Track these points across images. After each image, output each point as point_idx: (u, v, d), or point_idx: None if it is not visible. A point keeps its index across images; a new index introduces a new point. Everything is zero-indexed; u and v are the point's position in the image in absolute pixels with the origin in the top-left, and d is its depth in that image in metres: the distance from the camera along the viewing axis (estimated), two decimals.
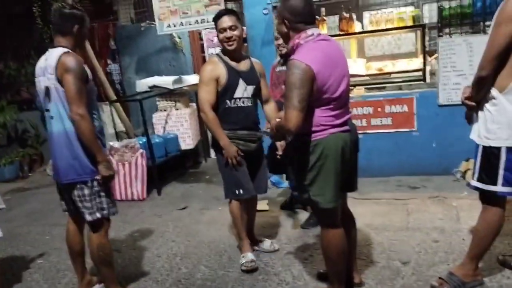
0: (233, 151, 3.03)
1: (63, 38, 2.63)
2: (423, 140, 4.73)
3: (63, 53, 2.54)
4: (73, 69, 2.50)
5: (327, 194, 2.38)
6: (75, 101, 2.50)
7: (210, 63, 3.10)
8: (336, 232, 2.49)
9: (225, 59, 3.07)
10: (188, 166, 6.40)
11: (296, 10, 2.30)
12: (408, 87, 4.85)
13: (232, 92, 3.04)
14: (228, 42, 2.99)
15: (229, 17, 2.99)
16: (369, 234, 3.54)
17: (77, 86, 2.50)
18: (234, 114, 3.08)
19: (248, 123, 3.12)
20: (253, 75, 3.15)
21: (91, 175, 2.64)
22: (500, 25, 2.23)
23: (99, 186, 2.67)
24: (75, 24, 2.62)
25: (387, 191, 4.52)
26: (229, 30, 2.97)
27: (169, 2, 5.10)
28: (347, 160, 2.41)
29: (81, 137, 2.56)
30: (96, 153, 2.60)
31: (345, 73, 2.38)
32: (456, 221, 3.64)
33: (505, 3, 2.23)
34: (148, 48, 6.81)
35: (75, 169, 2.62)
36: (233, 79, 3.03)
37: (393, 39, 5.85)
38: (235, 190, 3.14)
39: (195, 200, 4.93)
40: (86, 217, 2.70)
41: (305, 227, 3.78)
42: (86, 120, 2.53)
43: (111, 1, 7.23)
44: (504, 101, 2.32)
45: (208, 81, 3.01)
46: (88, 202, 2.66)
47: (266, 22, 4.99)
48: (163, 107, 6.23)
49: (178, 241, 3.86)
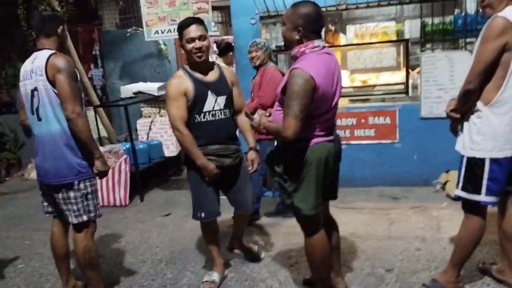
0: (212, 169, 2.83)
1: (47, 40, 2.63)
2: (404, 152, 4.83)
3: (52, 55, 2.55)
4: (65, 69, 2.51)
5: (309, 202, 2.42)
6: (71, 100, 2.52)
7: (175, 77, 2.87)
8: (319, 239, 2.53)
9: (191, 72, 2.86)
10: (171, 173, 6.38)
11: (311, 19, 2.32)
12: (391, 100, 4.97)
13: (201, 106, 2.83)
14: (198, 53, 2.77)
15: (197, 26, 2.78)
16: (353, 242, 3.59)
17: (72, 86, 2.52)
18: (205, 129, 2.86)
19: (220, 137, 2.89)
20: (223, 84, 2.91)
21: (78, 177, 2.63)
22: (488, 41, 2.33)
23: (86, 188, 2.67)
24: (60, 25, 2.64)
25: (369, 200, 4.59)
26: (198, 40, 2.75)
27: (158, 8, 5.12)
28: (330, 169, 2.46)
29: (79, 135, 2.57)
30: (94, 149, 2.65)
31: (339, 88, 2.44)
32: (437, 231, 3.73)
33: (491, 20, 2.34)
34: (133, 54, 6.80)
35: (62, 171, 2.61)
36: (201, 92, 2.81)
37: (376, 53, 5.98)
38: (197, 213, 3.00)
39: (178, 207, 4.91)
40: (71, 219, 2.69)
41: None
42: (83, 118, 2.56)
43: (96, 5, 7.20)
44: (489, 113, 2.42)
45: (176, 96, 2.78)
46: (74, 205, 2.66)
47: (253, 32, 5.06)
48: (147, 113, 6.22)
49: (162, 247, 3.85)
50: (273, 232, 3.93)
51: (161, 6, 5.12)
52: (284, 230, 3.93)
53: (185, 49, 2.81)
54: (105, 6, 7.15)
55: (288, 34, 2.40)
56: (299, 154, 2.38)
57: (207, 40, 2.81)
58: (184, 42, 2.79)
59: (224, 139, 2.91)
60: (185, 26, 2.79)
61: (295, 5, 2.40)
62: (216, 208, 3.03)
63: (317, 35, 2.38)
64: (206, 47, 2.80)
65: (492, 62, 2.34)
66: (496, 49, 2.31)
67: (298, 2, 2.42)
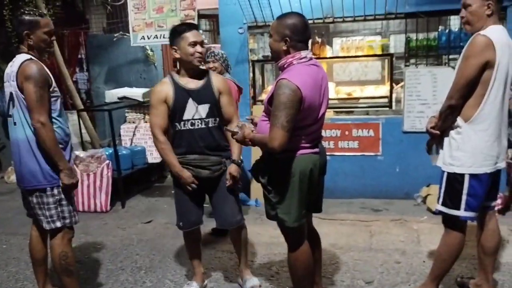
0: (187, 177, 2.79)
1: (22, 44, 2.60)
2: (387, 165, 4.89)
3: (25, 60, 2.51)
4: (33, 77, 2.46)
5: (293, 213, 2.42)
6: (36, 109, 2.48)
7: (159, 84, 2.86)
8: (302, 251, 2.52)
9: (176, 78, 2.81)
10: (154, 179, 6.33)
11: (298, 30, 2.33)
12: (375, 113, 5.03)
13: (181, 114, 2.77)
14: (199, 58, 2.74)
15: (198, 32, 2.77)
16: (334, 254, 3.61)
17: (38, 94, 2.47)
18: (184, 137, 2.81)
19: (199, 147, 2.81)
20: (207, 92, 2.82)
21: (51, 183, 2.60)
22: (469, 58, 2.39)
23: (60, 194, 2.63)
24: (24, 30, 2.55)
25: (351, 212, 4.62)
26: (199, 45, 2.72)
27: (145, 14, 5.12)
28: (315, 181, 2.47)
29: (42, 145, 2.53)
30: (58, 161, 2.56)
31: (326, 100, 2.45)
32: (417, 244, 3.76)
33: (473, 37, 2.40)
34: (119, 59, 6.76)
35: (35, 175, 2.58)
36: (180, 99, 2.76)
37: (362, 66, 6.06)
38: (178, 221, 2.98)
39: (160, 214, 4.87)
40: (44, 225, 2.66)
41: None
42: (47, 128, 2.50)
43: (84, 9, 7.16)
44: (469, 130, 2.46)
45: (156, 104, 2.77)
46: (47, 211, 2.62)
47: (241, 41, 5.08)
48: (131, 119, 6.17)
49: (142, 254, 3.81)
50: (255, 242, 3.92)
51: (149, 12, 5.13)
52: (266, 239, 3.92)
53: (184, 52, 2.72)
54: (92, 10, 7.12)
55: (275, 45, 2.40)
56: (283, 165, 2.38)
57: (205, 48, 2.81)
58: (184, 45, 2.70)
59: (203, 149, 2.82)
60: (185, 30, 2.73)
61: (281, 16, 2.42)
62: (196, 218, 2.97)
63: (304, 45, 2.39)
64: (204, 53, 2.80)
65: (473, 79, 2.39)
66: (477, 66, 2.36)
67: (284, 14, 2.45)
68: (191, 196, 2.90)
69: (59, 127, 2.64)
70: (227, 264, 3.54)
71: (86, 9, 7.18)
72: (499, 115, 2.45)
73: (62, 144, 2.63)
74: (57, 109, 2.64)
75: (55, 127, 2.59)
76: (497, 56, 2.34)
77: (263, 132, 2.41)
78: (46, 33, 2.60)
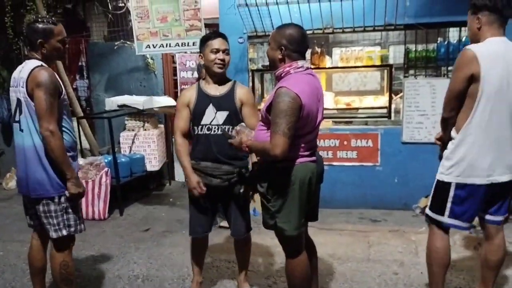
0: (194, 181, 2.81)
1: (33, 51, 2.60)
2: (385, 175, 4.89)
3: (36, 67, 2.51)
4: (44, 84, 2.45)
5: (293, 222, 2.43)
6: (45, 117, 2.46)
7: (186, 89, 3.02)
8: (300, 260, 2.53)
9: (202, 84, 2.92)
10: (152, 187, 6.33)
11: (295, 40, 2.39)
12: (373, 123, 5.04)
13: (200, 118, 2.85)
14: (220, 64, 2.80)
15: (223, 40, 2.86)
16: (332, 264, 3.60)
17: (48, 102, 2.46)
18: (201, 142, 2.88)
19: (213, 154, 2.84)
20: (228, 100, 2.86)
21: (59, 191, 2.59)
22: (454, 72, 2.49)
23: (66, 202, 2.62)
24: (38, 39, 2.55)
25: (349, 222, 4.62)
26: (222, 52, 2.80)
27: (149, 23, 5.13)
28: (313, 190, 2.48)
29: (50, 154, 2.52)
30: (66, 170, 2.55)
31: (322, 109, 2.48)
32: (415, 255, 3.75)
33: (462, 51, 2.46)
34: (120, 67, 6.78)
35: (42, 184, 2.57)
36: (201, 104, 2.85)
37: (361, 76, 6.08)
38: (189, 227, 3.05)
39: (158, 223, 4.87)
40: (51, 233, 2.64)
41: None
42: (56, 136, 2.49)
43: (85, 17, 7.19)
44: (459, 140, 2.52)
45: (180, 107, 2.91)
46: (54, 219, 2.61)
47: (241, 50, 5.11)
48: (131, 126, 6.18)
49: (140, 263, 3.80)
50: (252, 251, 3.90)
51: (153, 21, 5.13)
52: (263, 249, 3.91)
53: (207, 58, 2.82)
54: (94, 18, 7.15)
55: (271, 53, 2.47)
56: (282, 173, 2.39)
57: (229, 56, 2.87)
58: (208, 52, 2.81)
59: (217, 155, 2.84)
60: (211, 38, 2.84)
61: (281, 26, 2.49)
62: (201, 228, 3.00)
63: (300, 56, 2.43)
64: (227, 61, 2.86)
65: (459, 92, 2.46)
66: (461, 79, 2.42)
67: (284, 24, 2.51)
68: (203, 204, 2.94)
69: (68, 134, 2.64)
70: (224, 274, 3.53)
71: (87, 17, 7.21)
72: (489, 127, 2.45)
73: (70, 152, 2.63)
74: (66, 117, 2.64)
75: (64, 135, 2.59)
76: (481, 69, 2.36)
77: (260, 140, 2.43)
78: (60, 41, 2.61)
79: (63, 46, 2.64)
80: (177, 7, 5.01)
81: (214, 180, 2.86)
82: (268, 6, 4.82)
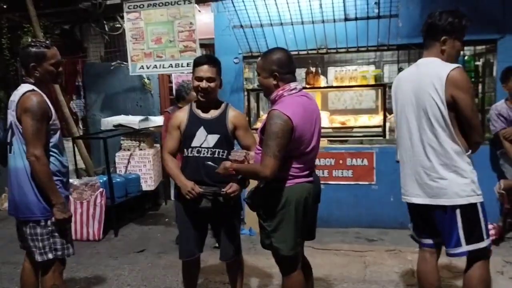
0: (188, 185, 2.76)
1: (27, 75, 2.62)
2: (381, 194, 4.88)
3: (26, 91, 2.52)
4: (31, 110, 2.47)
5: (289, 242, 2.44)
6: (31, 142, 2.48)
7: (179, 110, 3.04)
8: (296, 280, 2.53)
9: (193, 106, 2.92)
10: (147, 207, 6.29)
11: (284, 63, 2.44)
12: (368, 142, 5.06)
13: (190, 141, 2.84)
14: (200, 92, 2.81)
15: (209, 67, 2.79)
16: (328, 285, 3.57)
17: (34, 127, 2.47)
18: (190, 164, 2.85)
19: (200, 176, 2.80)
20: (220, 124, 2.86)
21: (45, 215, 2.57)
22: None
23: (53, 226, 2.60)
24: (31, 62, 2.56)
25: (345, 242, 4.59)
26: (206, 81, 2.77)
27: (144, 44, 5.18)
28: (310, 210, 2.50)
29: (36, 178, 2.52)
30: (51, 195, 2.54)
31: (318, 130, 2.51)
32: (411, 276, 3.72)
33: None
34: (116, 87, 6.82)
35: (30, 206, 2.57)
36: (192, 126, 2.84)
37: (355, 95, 6.14)
38: (179, 251, 3.01)
39: (152, 243, 4.83)
40: (36, 257, 2.62)
41: None
42: (41, 161, 2.49)
43: (81, 38, 7.26)
44: None
45: (171, 129, 2.93)
46: (40, 242, 2.59)
47: (236, 71, 5.16)
48: (127, 146, 6.18)
49: (133, 285, 3.76)
50: (248, 272, 3.86)
51: (147, 43, 5.19)
52: (259, 270, 3.88)
53: (193, 84, 2.86)
54: (91, 39, 7.21)
55: (265, 82, 2.50)
56: (279, 194, 2.41)
57: (214, 82, 2.81)
58: (193, 78, 2.85)
59: (204, 177, 2.80)
60: (198, 64, 2.83)
61: (265, 54, 2.54)
62: (190, 249, 2.96)
63: (292, 76, 2.49)
64: (213, 89, 2.81)
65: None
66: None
67: (267, 51, 2.56)
68: (192, 226, 2.92)
69: (56, 159, 2.63)
70: None
71: (84, 38, 7.26)
72: (404, 147, 2.60)
73: (59, 176, 2.62)
74: (56, 141, 2.63)
75: (52, 160, 2.59)
76: (392, 92, 2.60)
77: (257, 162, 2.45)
78: (53, 65, 2.61)
79: (57, 69, 2.64)
80: (172, 29, 5.07)
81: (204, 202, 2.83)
82: (262, 28, 4.88)
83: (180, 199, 2.88)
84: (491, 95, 4.80)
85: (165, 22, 5.09)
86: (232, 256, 2.98)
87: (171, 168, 2.89)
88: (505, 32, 4.47)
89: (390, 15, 4.52)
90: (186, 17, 5.03)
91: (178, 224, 3.02)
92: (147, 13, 5.13)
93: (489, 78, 4.94)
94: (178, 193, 2.89)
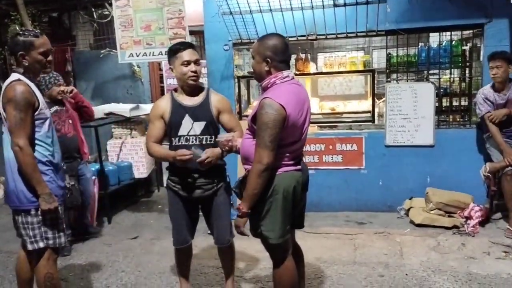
0: (179, 152, 2.73)
1: (16, 64, 2.61)
2: (370, 178, 4.96)
3: (12, 81, 2.52)
4: (14, 100, 2.46)
5: (277, 230, 2.45)
6: (15, 132, 2.48)
7: (159, 99, 3.01)
8: (287, 267, 2.56)
9: (175, 95, 2.89)
10: (140, 195, 6.33)
11: (279, 50, 2.41)
12: (358, 127, 5.12)
13: (177, 130, 2.83)
14: (193, 76, 2.79)
15: (193, 50, 2.82)
16: (319, 268, 3.65)
17: (17, 118, 2.47)
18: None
19: (192, 164, 2.76)
20: (204, 110, 2.86)
21: (35, 204, 2.58)
22: None
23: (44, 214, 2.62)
24: (19, 51, 2.55)
25: (336, 225, 4.67)
26: (194, 64, 2.78)
27: (133, 32, 5.16)
28: (298, 198, 2.51)
29: (20, 168, 2.53)
30: (36, 186, 2.54)
31: (308, 118, 2.51)
32: (400, 257, 3.82)
33: None
34: (106, 75, 6.79)
35: (18, 196, 2.59)
36: (176, 115, 2.83)
37: (345, 81, 6.18)
38: (173, 238, 3.07)
39: (146, 230, 4.88)
40: (27, 246, 2.64)
41: None
42: (25, 152, 2.49)
43: (70, 26, 7.19)
44: None
45: (153, 119, 2.89)
46: (31, 231, 2.61)
47: (226, 58, 5.16)
48: (118, 134, 6.18)
49: (128, 271, 3.81)
50: (240, 257, 3.94)
51: (136, 30, 5.16)
52: (251, 254, 3.94)
53: (178, 71, 2.80)
54: (79, 27, 7.15)
55: (257, 67, 2.47)
56: (267, 182, 2.40)
57: (200, 66, 2.85)
58: (178, 65, 2.78)
59: (196, 167, 2.79)
60: (180, 50, 2.79)
61: (262, 38, 2.49)
62: (183, 236, 3.02)
63: (285, 65, 2.46)
64: (199, 72, 2.84)
65: None
66: None
67: (265, 35, 2.52)
68: (184, 214, 2.96)
69: (46, 149, 2.62)
70: (212, 280, 3.56)
71: (73, 25, 7.20)
72: None
73: (49, 166, 2.62)
74: (44, 131, 2.62)
75: (41, 150, 2.59)
76: None
77: (247, 150, 2.47)
78: (42, 54, 2.58)
79: (46, 58, 2.62)
80: (161, 16, 5.05)
81: (197, 191, 2.88)
82: (252, 14, 4.88)
83: (171, 188, 2.93)
84: (478, 79, 4.86)
85: (154, 9, 5.07)
86: (228, 240, 3.04)
87: (156, 151, 2.87)
88: (492, 16, 4.51)
89: (378, 1, 4.54)
90: (175, 4, 5.01)
91: (170, 212, 3.04)
92: (136, 0, 5.10)
93: (476, 63, 5.00)
94: (170, 181, 2.93)
